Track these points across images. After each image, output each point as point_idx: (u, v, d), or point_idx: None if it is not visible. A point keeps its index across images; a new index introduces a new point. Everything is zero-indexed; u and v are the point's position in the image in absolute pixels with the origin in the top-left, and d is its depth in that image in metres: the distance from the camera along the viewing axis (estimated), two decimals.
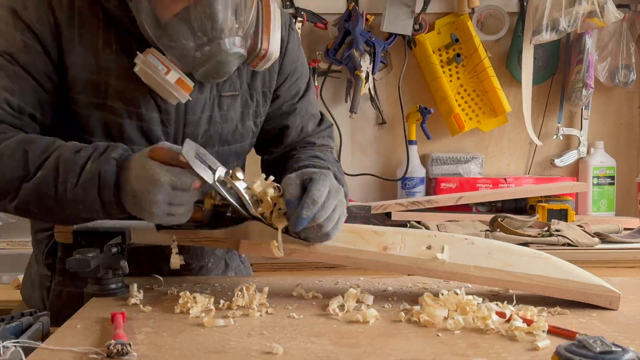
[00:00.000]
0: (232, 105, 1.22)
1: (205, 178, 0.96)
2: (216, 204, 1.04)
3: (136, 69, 1.09)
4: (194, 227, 1.07)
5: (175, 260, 1.09)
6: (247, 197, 1.01)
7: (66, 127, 1.13)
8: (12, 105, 1.07)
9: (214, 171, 0.98)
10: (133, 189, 0.96)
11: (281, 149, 1.34)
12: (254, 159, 1.41)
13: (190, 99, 1.14)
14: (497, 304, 0.95)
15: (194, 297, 1.00)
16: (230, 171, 1.00)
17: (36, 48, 1.09)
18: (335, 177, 1.11)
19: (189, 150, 0.95)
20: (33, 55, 1.09)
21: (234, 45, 1.06)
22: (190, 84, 1.11)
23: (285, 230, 1.03)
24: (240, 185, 1.00)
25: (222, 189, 0.98)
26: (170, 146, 0.99)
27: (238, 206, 1.01)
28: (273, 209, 1.03)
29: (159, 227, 1.07)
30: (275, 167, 1.32)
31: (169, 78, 1.08)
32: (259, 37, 1.13)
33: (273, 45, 1.15)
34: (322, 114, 1.40)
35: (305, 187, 1.00)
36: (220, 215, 1.06)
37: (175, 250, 1.08)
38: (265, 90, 1.27)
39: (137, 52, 1.09)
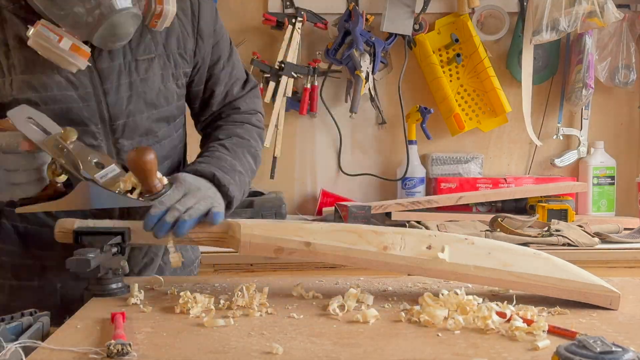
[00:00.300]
0: (151, 68, 1.22)
1: (31, 137, 0.95)
2: (58, 174, 1.02)
3: (29, 42, 1.09)
4: (56, 208, 1.04)
5: (175, 259, 1.09)
6: (79, 160, 0.99)
7: None
8: None
9: (47, 134, 0.97)
10: None
11: (209, 116, 1.35)
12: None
13: (89, 64, 1.13)
14: (497, 304, 0.95)
15: (194, 297, 1.00)
16: (62, 131, 0.99)
17: None
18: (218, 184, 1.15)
19: (18, 113, 0.95)
20: None
21: (126, 3, 1.07)
22: (87, 49, 1.10)
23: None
24: (77, 147, 0.99)
25: (51, 150, 0.97)
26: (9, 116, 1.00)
27: (70, 168, 0.99)
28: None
29: (17, 206, 1.04)
30: (205, 138, 1.35)
31: (62, 45, 1.08)
32: None
33: (167, 4, 1.16)
34: (247, 74, 1.40)
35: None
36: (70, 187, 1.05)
37: (172, 249, 1.08)
38: (181, 52, 1.26)
39: (28, 26, 1.09)
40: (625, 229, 2.12)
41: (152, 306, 0.99)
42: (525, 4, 2.38)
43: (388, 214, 2.19)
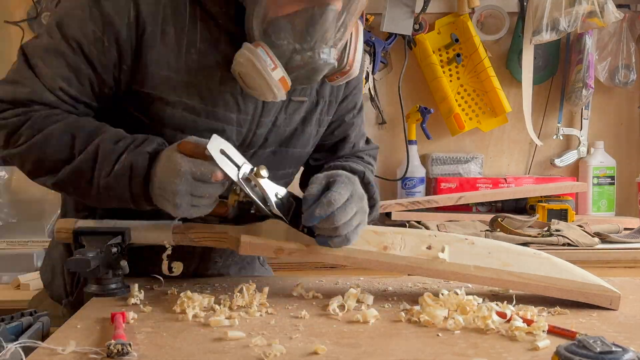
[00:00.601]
0: (298, 110, 1.21)
1: (227, 172, 0.98)
2: (240, 200, 1.04)
3: (240, 59, 1.06)
4: (218, 222, 1.08)
5: (178, 268, 1.10)
6: (270, 196, 1.02)
7: (137, 119, 1.12)
8: (68, 93, 1.08)
9: (239, 167, 1.00)
10: (159, 180, 0.99)
11: (330, 160, 1.33)
12: None
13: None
14: (497, 304, 0.95)
15: (194, 297, 1.00)
16: (255, 168, 1.00)
17: (105, 41, 1.07)
18: (367, 183, 1.12)
19: (214, 144, 0.97)
20: (101, 48, 1.07)
21: (332, 57, 1.07)
22: (290, 84, 1.08)
23: (308, 232, 1.04)
24: (265, 184, 1.01)
25: (244, 185, 1.00)
26: (196, 140, 1.00)
27: (260, 203, 1.02)
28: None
29: (184, 219, 1.07)
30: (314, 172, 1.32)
31: (274, 74, 1.06)
32: (346, 54, 1.13)
33: (356, 64, 1.15)
34: (367, 138, 1.42)
35: (327, 188, 1.02)
36: (245, 212, 1.07)
37: (165, 254, 1.08)
38: (331, 100, 1.26)
39: (244, 44, 1.06)
40: (625, 229, 2.12)
41: (152, 306, 0.99)
42: (525, 4, 2.38)
43: (388, 214, 2.19)
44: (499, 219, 1.98)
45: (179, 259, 1.11)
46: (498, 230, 1.96)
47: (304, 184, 1.34)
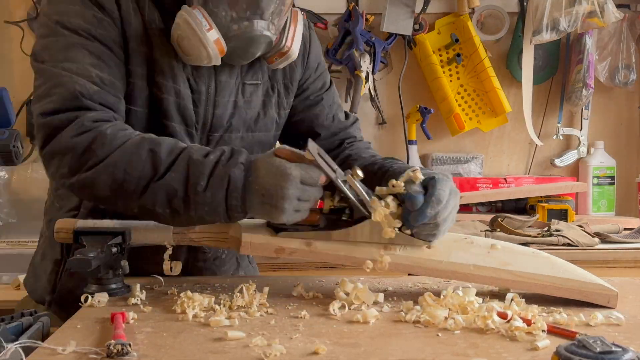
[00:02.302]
0: (255, 93, 1.27)
1: (329, 174, 0.99)
2: (334, 205, 1.05)
3: (178, 20, 1.11)
4: (311, 230, 1.06)
5: (177, 267, 1.10)
6: (367, 196, 1.02)
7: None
8: (104, 80, 1.09)
9: (334, 170, 1.01)
10: (263, 187, 0.98)
11: (319, 141, 1.35)
12: None
13: (212, 75, 1.17)
14: (498, 302, 0.95)
15: (194, 297, 1.00)
16: (350, 170, 1.01)
17: (107, 20, 1.11)
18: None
19: (313, 148, 0.98)
20: (107, 28, 1.11)
21: (268, 29, 1.14)
22: (225, 49, 1.13)
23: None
24: (360, 185, 1.01)
25: (344, 187, 1.00)
26: (291, 148, 1.01)
27: (359, 205, 1.02)
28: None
29: (278, 230, 1.06)
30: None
31: (209, 35, 1.11)
32: (284, 36, 1.20)
33: (295, 46, 1.22)
34: (345, 111, 1.46)
35: (424, 186, 1.02)
36: (335, 218, 1.06)
37: (167, 254, 1.08)
38: (286, 83, 1.32)
39: (184, 5, 1.12)
40: (625, 229, 2.12)
41: (152, 306, 0.99)
42: (525, 4, 2.38)
43: None
44: (499, 219, 1.98)
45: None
46: (498, 230, 1.95)
47: None
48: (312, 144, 0.99)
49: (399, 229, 1.03)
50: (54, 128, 1.04)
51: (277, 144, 1.04)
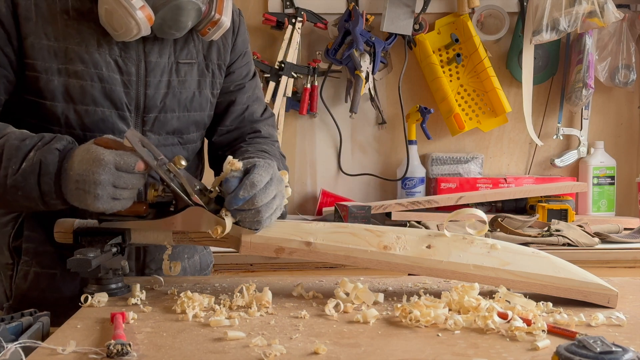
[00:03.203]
0: (190, 73, 1.27)
1: (149, 161, 0.98)
2: (159, 194, 1.05)
3: None
4: (136, 220, 1.06)
5: (176, 267, 1.10)
6: (190, 185, 1.02)
7: (23, 94, 1.16)
8: None
9: (157, 158, 1.01)
10: (76, 173, 0.98)
11: (225, 127, 1.37)
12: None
13: (141, 55, 1.18)
14: (499, 302, 0.95)
15: (194, 297, 1.00)
16: (174, 158, 1.01)
17: None
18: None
19: (133, 135, 0.98)
20: None
21: None
22: (152, 16, 1.13)
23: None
24: (183, 174, 1.02)
25: (164, 174, 1.00)
26: (112, 137, 1.02)
27: (181, 192, 1.02)
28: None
29: (101, 220, 1.06)
30: (219, 155, 1.38)
31: (134, 3, 1.11)
32: (213, 6, 1.20)
33: (225, 16, 1.22)
34: (266, 105, 1.46)
35: (247, 173, 1.03)
36: (161, 209, 1.07)
37: (167, 253, 1.08)
38: (220, 63, 1.33)
39: None
40: (625, 229, 2.12)
41: (152, 306, 0.99)
42: (525, 4, 2.38)
43: (388, 214, 2.19)
44: (499, 219, 1.98)
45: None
46: (498, 230, 1.96)
47: (215, 166, 1.41)
48: (131, 132, 0.98)
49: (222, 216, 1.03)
50: None
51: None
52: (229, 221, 1.03)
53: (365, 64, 2.31)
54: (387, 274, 1.16)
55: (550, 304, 0.99)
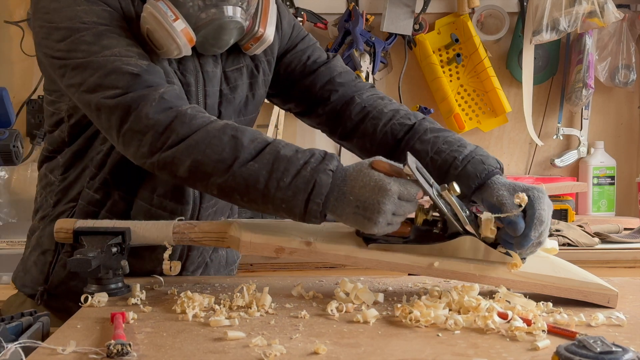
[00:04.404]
0: (239, 78, 1.27)
1: (428, 190, 0.98)
2: (427, 219, 1.04)
3: (144, 13, 1.12)
4: (402, 243, 1.05)
5: (176, 267, 1.10)
6: (462, 212, 1.01)
7: None
8: (143, 55, 1.11)
9: (430, 184, 1.00)
10: (358, 199, 0.97)
11: (323, 99, 1.39)
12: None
13: (197, 66, 1.19)
14: (500, 303, 0.95)
15: (194, 297, 1.00)
16: (447, 185, 0.99)
17: (115, 12, 1.13)
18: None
19: (412, 162, 0.97)
20: (119, 18, 1.13)
21: (237, 14, 1.14)
22: (194, 37, 1.13)
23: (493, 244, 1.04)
24: (456, 200, 1.01)
25: (440, 202, 0.99)
26: (387, 160, 1.01)
27: (454, 220, 1.01)
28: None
29: (368, 241, 1.05)
30: (335, 119, 1.42)
31: (176, 25, 1.10)
32: (257, 21, 1.20)
33: (269, 30, 1.22)
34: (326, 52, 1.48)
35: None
36: (425, 231, 1.06)
37: (167, 254, 1.08)
38: (269, 59, 1.32)
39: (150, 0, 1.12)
40: (625, 229, 2.12)
41: (152, 306, 0.99)
42: (525, 4, 2.38)
43: None
44: None
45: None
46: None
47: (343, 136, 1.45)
48: (411, 158, 0.97)
49: (494, 245, 1.03)
50: (128, 107, 1.05)
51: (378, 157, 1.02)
52: (517, 256, 1.02)
53: (365, 64, 2.31)
54: (387, 274, 1.16)
55: (550, 304, 1.00)
